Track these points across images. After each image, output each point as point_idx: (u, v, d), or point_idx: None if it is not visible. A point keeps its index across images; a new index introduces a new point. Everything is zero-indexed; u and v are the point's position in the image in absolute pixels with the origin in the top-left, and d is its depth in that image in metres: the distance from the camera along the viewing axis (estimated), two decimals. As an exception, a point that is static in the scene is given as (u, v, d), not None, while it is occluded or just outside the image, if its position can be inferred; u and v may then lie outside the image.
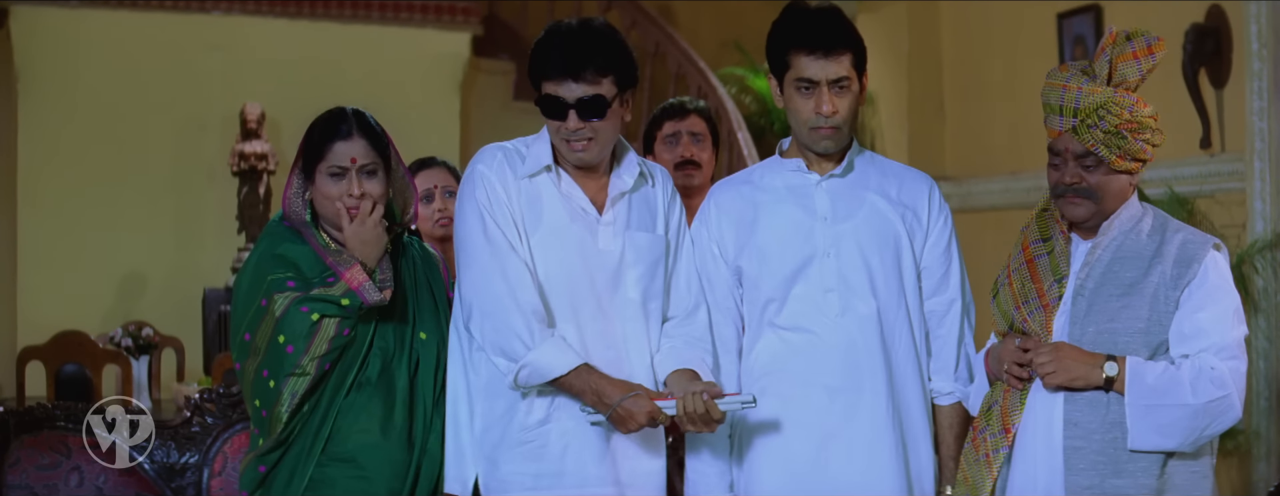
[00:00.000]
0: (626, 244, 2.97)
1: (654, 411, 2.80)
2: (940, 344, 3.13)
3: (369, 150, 2.97)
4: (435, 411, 2.99)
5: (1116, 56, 2.87)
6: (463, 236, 2.94)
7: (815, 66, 2.98)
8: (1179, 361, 2.81)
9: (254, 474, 2.95)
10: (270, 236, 3.01)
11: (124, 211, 8.45)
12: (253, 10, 8.77)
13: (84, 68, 8.44)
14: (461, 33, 9.13)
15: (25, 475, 3.41)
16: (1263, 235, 5.76)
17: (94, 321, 7.77)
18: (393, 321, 2.99)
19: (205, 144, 8.57)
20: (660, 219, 3.04)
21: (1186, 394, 2.77)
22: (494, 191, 2.91)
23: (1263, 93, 5.83)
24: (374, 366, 2.95)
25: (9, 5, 8.29)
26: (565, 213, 2.94)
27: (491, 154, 2.98)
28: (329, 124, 2.98)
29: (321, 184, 2.96)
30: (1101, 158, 2.84)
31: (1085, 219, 2.91)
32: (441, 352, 3.03)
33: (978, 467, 2.95)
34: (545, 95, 2.90)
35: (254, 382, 2.90)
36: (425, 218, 4.07)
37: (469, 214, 2.93)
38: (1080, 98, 2.84)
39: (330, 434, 2.90)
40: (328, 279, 2.89)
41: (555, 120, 2.91)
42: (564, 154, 2.95)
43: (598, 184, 2.99)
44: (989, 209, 7.48)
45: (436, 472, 2.97)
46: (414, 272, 3.09)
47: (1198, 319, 2.82)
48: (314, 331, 2.85)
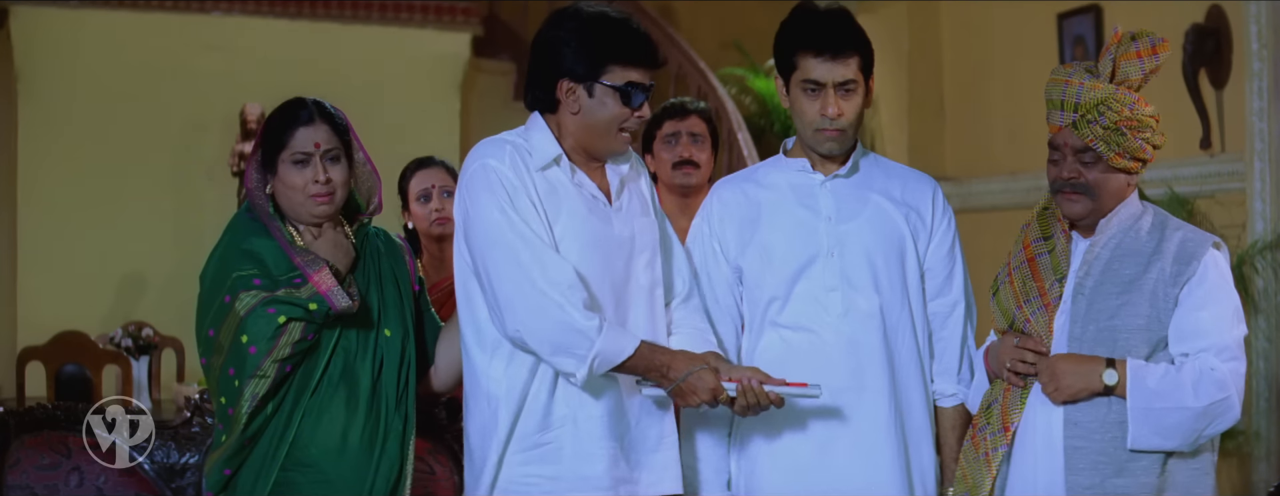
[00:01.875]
0: (636, 230, 2.93)
1: (717, 389, 2.78)
2: (943, 346, 3.13)
3: (331, 135, 2.92)
4: (396, 412, 2.93)
5: (1120, 55, 2.88)
6: (486, 238, 2.81)
7: (822, 69, 2.97)
8: (1179, 361, 2.81)
9: (219, 476, 2.90)
10: (235, 229, 2.94)
11: (124, 211, 8.44)
12: (253, 10, 8.76)
13: (84, 68, 8.43)
14: (461, 33, 9.11)
15: (25, 475, 3.40)
16: (1263, 235, 5.76)
17: (94, 321, 7.76)
18: (356, 318, 2.90)
19: (205, 144, 8.56)
20: (650, 204, 3.01)
21: (1188, 396, 2.77)
22: (511, 184, 2.81)
23: (1263, 93, 5.83)
24: (336, 365, 2.88)
25: (9, 5, 8.28)
26: (582, 203, 2.87)
27: (499, 147, 2.87)
28: (289, 111, 2.93)
29: (285, 173, 2.90)
30: (1100, 154, 2.84)
31: (1082, 216, 2.91)
32: (406, 350, 2.97)
33: (977, 466, 2.95)
34: (632, 83, 2.83)
35: (220, 380, 2.84)
36: (422, 217, 4.06)
37: (490, 211, 2.81)
38: (1082, 93, 2.84)
39: (294, 438, 2.85)
40: (294, 279, 2.83)
41: (631, 109, 2.85)
42: (613, 146, 2.89)
43: (598, 173, 2.94)
44: (989, 209, 7.48)
45: (394, 474, 2.92)
46: (378, 266, 3.01)
47: (1198, 318, 2.82)
48: (278, 334, 2.78)
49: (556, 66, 2.86)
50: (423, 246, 4.10)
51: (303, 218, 2.93)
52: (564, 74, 2.85)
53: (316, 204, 2.91)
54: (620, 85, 2.83)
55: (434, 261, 4.09)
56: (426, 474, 3.57)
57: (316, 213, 2.92)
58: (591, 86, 2.84)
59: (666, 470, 2.94)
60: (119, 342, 6.68)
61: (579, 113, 2.86)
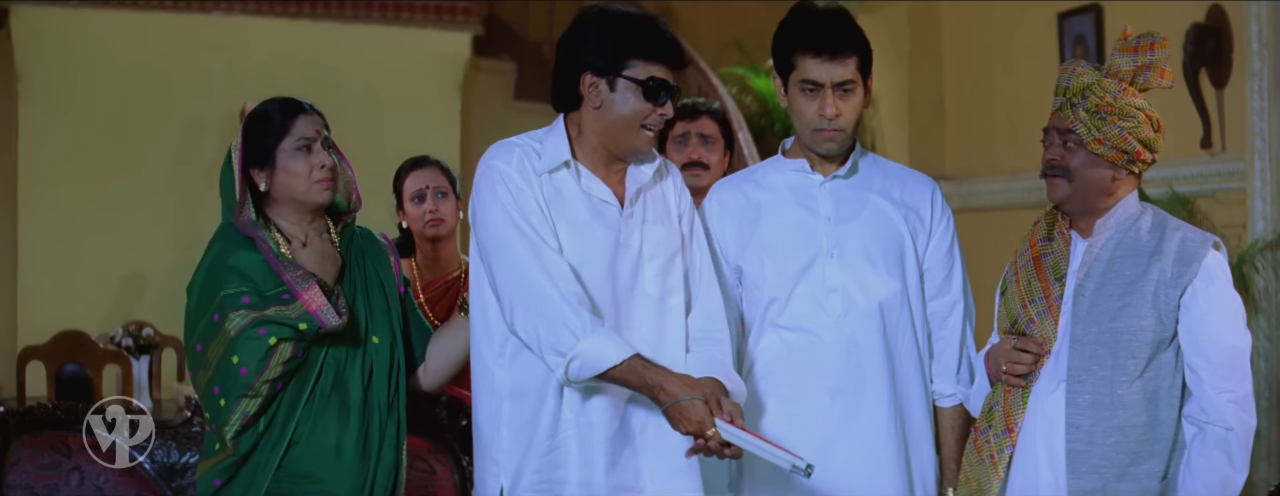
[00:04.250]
0: (644, 238, 2.89)
1: (706, 423, 2.66)
2: (942, 346, 3.13)
3: (324, 126, 2.95)
4: (388, 417, 2.92)
5: (1116, 48, 2.93)
6: (490, 238, 2.81)
7: (821, 69, 2.97)
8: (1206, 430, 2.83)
9: (209, 486, 2.88)
10: (222, 241, 2.92)
11: (124, 211, 8.45)
12: (253, 10, 8.76)
13: (84, 68, 8.43)
14: (461, 33, 9.12)
15: (25, 475, 3.40)
16: (1263, 235, 5.76)
17: (94, 321, 7.76)
18: (345, 329, 2.87)
19: (205, 144, 8.56)
20: (673, 211, 2.96)
21: (1235, 474, 2.82)
22: (516, 186, 2.80)
23: (1263, 93, 5.83)
24: (328, 375, 2.87)
25: (9, 5, 8.28)
26: (587, 209, 2.85)
27: (508, 149, 2.86)
28: (285, 104, 2.95)
29: (288, 161, 2.89)
30: (1081, 138, 2.85)
31: (1063, 200, 2.92)
32: (395, 355, 2.96)
33: (983, 468, 2.94)
34: (655, 78, 2.82)
35: (205, 396, 2.83)
36: (416, 217, 4.05)
37: (493, 212, 2.81)
38: (1072, 79, 2.90)
39: (288, 450, 2.84)
40: (282, 294, 2.81)
41: (653, 104, 2.83)
42: (635, 143, 2.86)
43: (617, 177, 2.91)
44: (989, 209, 7.48)
45: (390, 481, 2.92)
46: (364, 270, 3.00)
47: (1208, 331, 2.83)
48: (269, 355, 2.76)
49: (580, 60, 2.84)
50: (417, 246, 4.09)
51: (304, 205, 2.92)
52: (587, 67, 2.83)
53: (322, 189, 2.91)
54: (643, 79, 2.81)
55: (428, 261, 4.08)
56: (427, 473, 3.57)
57: (321, 199, 2.92)
58: (614, 81, 2.82)
59: (674, 476, 2.87)
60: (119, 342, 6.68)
61: (601, 107, 2.84)
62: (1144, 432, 2.83)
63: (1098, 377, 2.84)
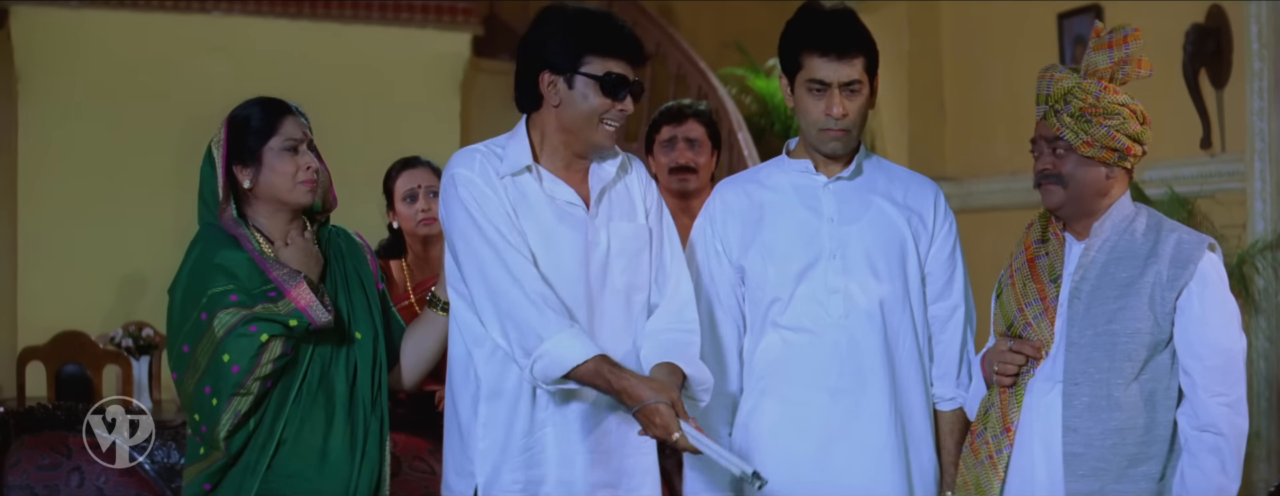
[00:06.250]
0: (611, 235, 2.90)
1: (671, 427, 2.67)
2: (943, 349, 3.13)
3: (308, 128, 2.97)
4: (372, 414, 2.94)
5: (1091, 47, 2.93)
6: (457, 246, 2.86)
7: (828, 68, 2.98)
8: (1198, 437, 2.82)
9: (198, 491, 2.88)
10: (204, 241, 2.94)
11: (124, 211, 8.43)
12: (253, 10, 8.75)
13: (84, 68, 8.42)
14: (461, 33, 9.11)
15: (26, 475, 3.41)
16: (1263, 235, 5.75)
17: (94, 321, 7.75)
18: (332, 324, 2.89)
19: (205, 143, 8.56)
20: (640, 207, 2.97)
21: (1228, 482, 2.82)
22: (479, 191, 2.83)
23: (1263, 93, 5.82)
24: (314, 374, 2.89)
25: (9, 5, 8.28)
26: (552, 213, 2.87)
27: (469, 156, 2.89)
28: (272, 104, 2.97)
29: (274, 161, 2.91)
30: (1070, 143, 2.85)
31: (1058, 206, 2.92)
32: (377, 352, 2.97)
33: (982, 470, 2.94)
34: (613, 74, 2.83)
35: (195, 397, 2.82)
36: (408, 217, 4.06)
37: (459, 218, 2.85)
38: (1051, 85, 2.90)
39: (276, 449, 2.84)
40: (269, 293, 2.82)
41: (612, 100, 2.84)
42: (596, 139, 2.87)
43: (579, 176, 2.93)
44: (989, 209, 7.47)
45: (375, 477, 2.93)
46: (344, 268, 3.02)
47: (1203, 334, 2.82)
48: (261, 352, 2.77)
49: (539, 60, 2.87)
50: (408, 246, 4.10)
51: (286, 205, 2.93)
52: (545, 66, 2.85)
53: (306, 190, 2.93)
54: (600, 75, 2.82)
55: (419, 261, 4.09)
56: (427, 473, 3.57)
57: (303, 200, 2.94)
58: (572, 78, 2.84)
59: (647, 474, 2.93)
60: (119, 342, 6.68)
61: (560, 105, 2.86)
62: (1141, 435, 2.84)
63: (1094, 380, 2.84)
